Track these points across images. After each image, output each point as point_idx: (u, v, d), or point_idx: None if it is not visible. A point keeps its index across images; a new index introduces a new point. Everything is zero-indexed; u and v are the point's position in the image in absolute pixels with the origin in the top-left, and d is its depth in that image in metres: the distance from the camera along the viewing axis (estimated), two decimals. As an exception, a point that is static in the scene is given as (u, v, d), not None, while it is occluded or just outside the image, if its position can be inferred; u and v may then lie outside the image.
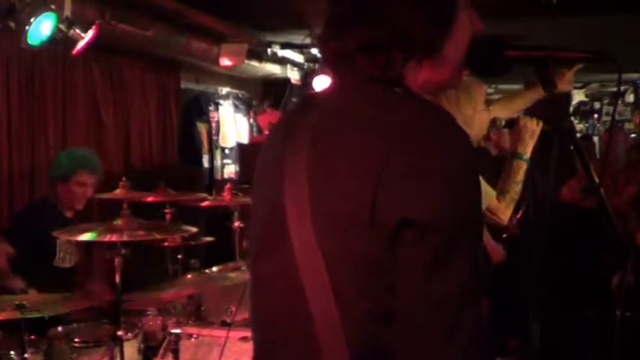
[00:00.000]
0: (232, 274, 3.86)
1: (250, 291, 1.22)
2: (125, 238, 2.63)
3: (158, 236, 3.03)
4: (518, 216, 3.60)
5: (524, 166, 2.62)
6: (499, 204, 2.61)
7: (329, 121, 1.10)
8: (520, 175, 2.63)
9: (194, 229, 3.06)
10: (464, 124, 2.66)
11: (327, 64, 1.18)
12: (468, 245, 1.01)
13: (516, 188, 2.64)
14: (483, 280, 1.06)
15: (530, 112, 2.89)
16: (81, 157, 3.50)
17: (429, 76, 1.13)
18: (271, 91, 7.03)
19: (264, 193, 1.19)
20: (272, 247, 1.12)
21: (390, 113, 1.05)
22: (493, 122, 2.62)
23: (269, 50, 6.10)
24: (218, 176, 6.27)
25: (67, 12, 3.50)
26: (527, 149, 2.62)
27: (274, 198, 1.11)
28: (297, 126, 1.14)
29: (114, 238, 2.62)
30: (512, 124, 2.65)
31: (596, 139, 10.57)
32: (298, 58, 6.85)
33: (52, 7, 3.31)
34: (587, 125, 12.66)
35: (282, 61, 6.67)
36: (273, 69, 6.66)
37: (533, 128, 2.67)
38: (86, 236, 2.69)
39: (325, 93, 1.23)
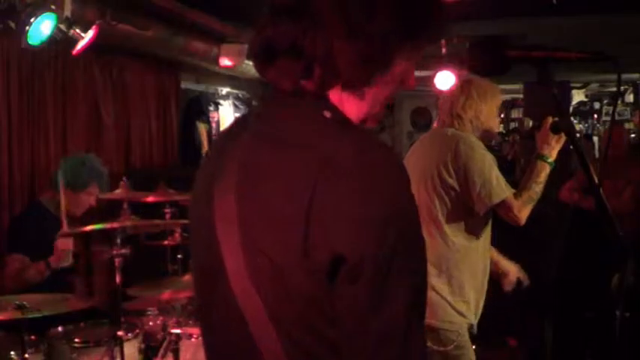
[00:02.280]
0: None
1: (200, 316, 1.22)
2: (128, 223, 2.81)
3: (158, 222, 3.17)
4: None
5: (547, 169, 2.65)
6: (515, 200, 2.63)
7: (258, 145, 1.07)
8: (542, 177, 2.65)
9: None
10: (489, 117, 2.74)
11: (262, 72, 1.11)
12: (406, 276, 0.98)
13: (536, 188, 2.67)
14: (424, 307, 1.05)
15: (531, 112, 2.90)
16: (98, 173, 3.51)
17: (352, 108, 1.10)
18: (271, 91, 7.03)
19: (199, 220, 1.16)
20: (212, 278, 1.09)
21: (320, 141, 1.01)
22: (521, 122, 2.64)
23: (269, 50, 6.09)
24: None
25: (67, 12, 3.50)
26: (553, 152, 2.65)
27: (208, 228, 1.09)
28: (230, 147, 1.11)
29: (115, 224, 2.81)
30: (540, 125, 2.67)
31: (595, 139, 10.58)
32: (298, 58, 6.85)
33: (52, 7, 3.31)
34: (586, 125, 12.66)
35: (282, 61, 6.66)
36: (273, 69, 6.66)
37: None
38: (91, 227, 2.84)
39: (258, 110, 1.17)
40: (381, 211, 0.96)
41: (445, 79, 5.86)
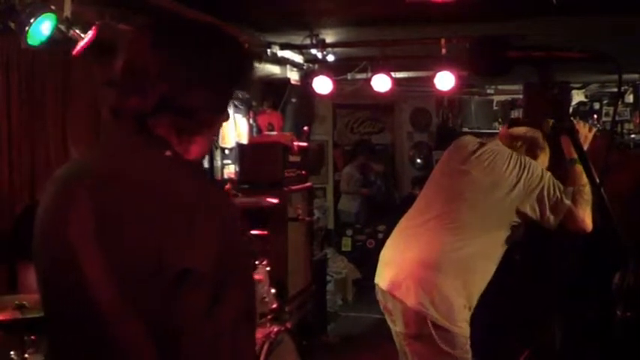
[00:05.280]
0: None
1: (57, 334, 1.39)
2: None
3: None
4: None
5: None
6: (575, 209, 2.71)
7: (108, 185, 1.28)
8: (585, 178, 2.71)
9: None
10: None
11: (116, 118, 1.35)
12: (239, 289, 1.26)
13: (586, 189, 2.72)
14: (256, 314, 1.35)
15: (532, 113, 2.91)
16: None
17: (192, 149, 1.37)
18: (271, 91, 7.03)
19: (51, 248, 1.35)
20: (70, 294, 1.29)
21: (162, 176, 1.27)
22: (546, 125, 2.67)
23: (269, 51, 6.10)
24: (218, 176, 6.27)
25: (67, 12, 3.50)
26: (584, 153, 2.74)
27: (65, 258, 1.28)
28: (75, 186, 1.33)
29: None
30: (567, 129, 2.70)
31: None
32: (298, 58, 6.85)
33: (52, 7, 3.31)
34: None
35: (282, 62, 6.66)
36: (273, 69, 6.66)
37: (585, 133, 2.76)
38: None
39: (98, 155, 1.40)
40: (220, 236, 1.23)
41: (445, 80, 5.86)
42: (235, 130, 6.67)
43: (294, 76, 7.10)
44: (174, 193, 1.24)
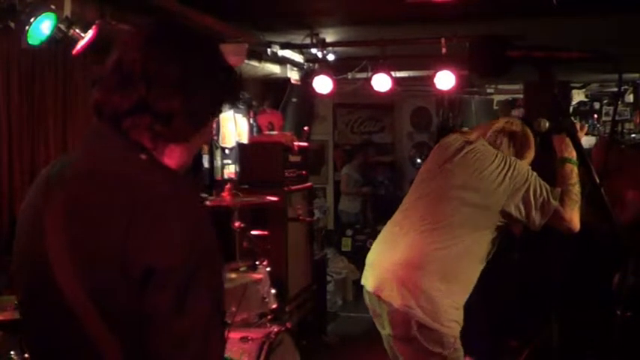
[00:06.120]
0: (233, 275, 3.87)
1: (27, 329, 1.44)
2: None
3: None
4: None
5: (575, 169, 2.73)
6: (563, 209, 2.68)
7: (83, 183, 1.32)
8: (574, 178, 2.72)
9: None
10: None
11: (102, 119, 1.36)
12: (205, 286, 1.25)
13: (574, 189, 2.71)
14: (223, 311, 1.31)
15: (532, 112, 2.91)
16: None
17: (173, 157, 1.38)
18: (271, 91, 7.02)
19: (26, 244, 1.39)
20: (40, 292, 1.32)
21: (137, 177, 1.29)
22: (538, 124, 2.65)
23: (269, 50, 6.10)
24: (218, 176, 6.27)
25: (67, 12, 3.50)
26: (574, 153, 2.71)
27: (38, 252, 1.31)
28: (54, 185, 1.36)
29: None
30: (557, 129, 2.69)
31: (594, 139, 10.57)
32: (298, 58, 6.85)
33: (52, 7, 3.31)
34: (587, 125, 12.62)
35: (282, 61, 6.66)
36: (273, 69, 6.65)
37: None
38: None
39: (78, 155, 1.42)
40: (186, 235, 1.23)
41: (445, 79, 5.85)
42: (235, 129, 6.67)
43: (294, 75, 7.09)
44: (141, 193, 1.25)
